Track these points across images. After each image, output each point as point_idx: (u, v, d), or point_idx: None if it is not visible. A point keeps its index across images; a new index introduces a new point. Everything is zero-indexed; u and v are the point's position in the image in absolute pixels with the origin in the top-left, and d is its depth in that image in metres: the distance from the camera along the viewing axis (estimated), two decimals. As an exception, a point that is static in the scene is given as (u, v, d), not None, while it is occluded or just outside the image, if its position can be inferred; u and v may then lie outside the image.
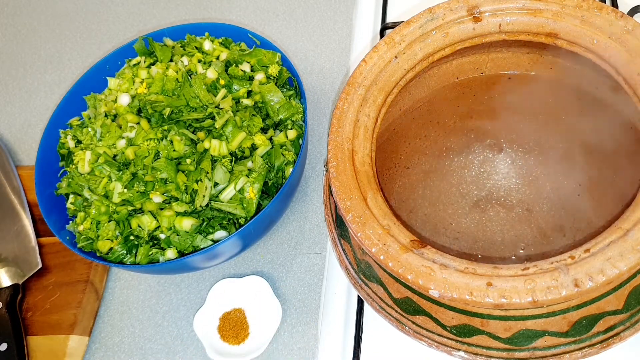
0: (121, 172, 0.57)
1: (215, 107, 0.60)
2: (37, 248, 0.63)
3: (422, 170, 0.54)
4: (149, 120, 0.60)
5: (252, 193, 0.55)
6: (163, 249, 0.54)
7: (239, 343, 0.56)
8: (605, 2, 0.49)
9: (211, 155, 0.56)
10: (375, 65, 0.47)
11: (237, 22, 0.81)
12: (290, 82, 0.64)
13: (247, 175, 0.55)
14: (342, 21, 0.78)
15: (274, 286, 0.60)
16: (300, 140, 0.59)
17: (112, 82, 0.66)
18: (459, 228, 0.50)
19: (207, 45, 0.66)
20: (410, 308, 0.43)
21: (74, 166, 0.60)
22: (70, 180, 0.59)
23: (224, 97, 0.61)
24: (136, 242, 0.55)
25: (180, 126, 0.58)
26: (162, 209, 0.55)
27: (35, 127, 0.77)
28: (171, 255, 0.54)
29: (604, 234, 0.36)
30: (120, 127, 0.60)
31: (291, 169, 0.57)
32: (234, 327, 0.57)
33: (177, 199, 0.55)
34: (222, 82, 0.62)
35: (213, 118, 0.59)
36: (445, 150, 0.55)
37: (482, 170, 0.53)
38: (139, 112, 0.61)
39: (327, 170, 0.45)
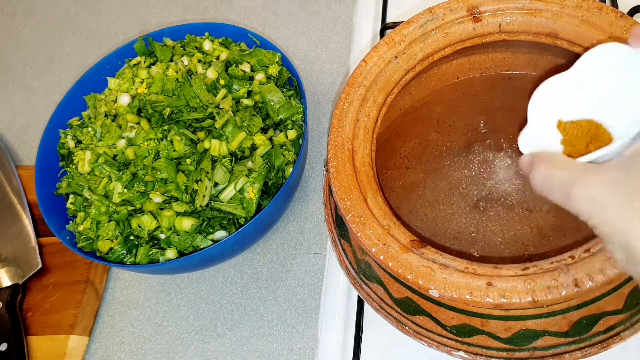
0: (121, 172, 0.57)
1: (215, 107, 0.60)
2: (37, 248, 0.63)
3: (422, 170, 0.54)
4: (149, 120, 0.60)
5: (252, 193, 0.55)
6: (163, 249, 0.54)
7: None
8: (605, 2, 0.50)
9: (211, 155, 0.56)
10: (375, 65, 0.47)
11: (237, 22, 0.81)
12: (290, 82, 0.64)
13: (247, 175, 0.55)
14: (342, 21, 0.78)
15: (274, 286, 0.60)
16: (300, 140, 0.59)
17: (112, 82, 0.66)
18: (458, 228, 0.50)
19: (207, 45, 0.66)
20: (410, 308, 0.43)
21: (74, 166, 0.60)
22: (70, 180, 0.59)
23: (224, 97, 0.61)
24: (136, 242, 0.55)
25: (180, 126, 0.58)
26: (162, 209, 0.55)
27: (35, 127, 0.77)
28: (171, 255, 0.54)
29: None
30: (120, 127, 0.60)
31: (291, 169, 0.57)
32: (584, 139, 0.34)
33: (177, 199, 0.55)
34: (222, 82, 0.62)
35: (213, 118, 0.59)
36: (445, 150, 0.55)
37: (482, 170, 0.53)
38: (139, 112, 0.61)
39: (327, 170, 0.45)
